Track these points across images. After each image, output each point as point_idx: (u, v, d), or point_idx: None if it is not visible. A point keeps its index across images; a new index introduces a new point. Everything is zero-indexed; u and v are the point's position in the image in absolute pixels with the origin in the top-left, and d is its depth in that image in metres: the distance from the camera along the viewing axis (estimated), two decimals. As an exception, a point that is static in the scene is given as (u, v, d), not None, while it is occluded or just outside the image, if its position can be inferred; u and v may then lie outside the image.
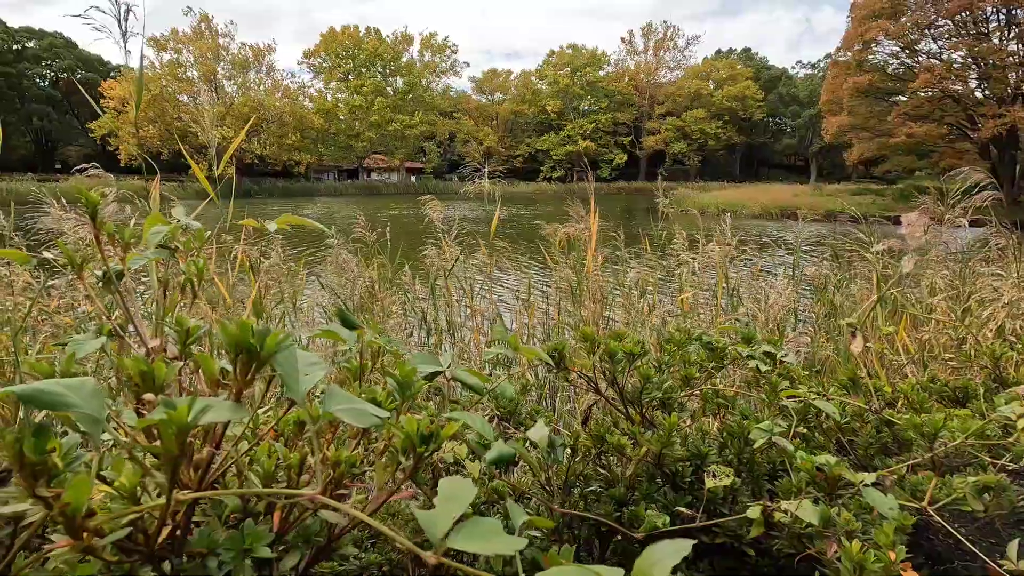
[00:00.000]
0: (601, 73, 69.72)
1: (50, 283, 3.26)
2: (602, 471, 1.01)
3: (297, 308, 4.11)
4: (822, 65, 73.81)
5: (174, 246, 0.68)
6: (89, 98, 2.55)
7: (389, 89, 63.68)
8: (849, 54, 37.17)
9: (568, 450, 0.98)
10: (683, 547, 0.35)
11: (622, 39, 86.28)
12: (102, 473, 0.43)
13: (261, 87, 57.87)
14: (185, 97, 53.90)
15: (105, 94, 50.77)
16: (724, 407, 1.21)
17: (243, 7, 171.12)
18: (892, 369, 2.85)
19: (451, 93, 71.56)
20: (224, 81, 56.74)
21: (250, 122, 3.00)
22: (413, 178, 67.68)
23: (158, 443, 0.37)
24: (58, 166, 56.19)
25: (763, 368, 1.05)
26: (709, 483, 0.86)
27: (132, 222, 3.65)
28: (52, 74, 61.18)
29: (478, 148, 69.58)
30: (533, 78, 72.25)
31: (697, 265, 5.09)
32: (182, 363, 0.60)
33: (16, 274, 2.89)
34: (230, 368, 0.46)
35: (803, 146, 73.18)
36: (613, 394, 0.98)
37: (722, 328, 1.43)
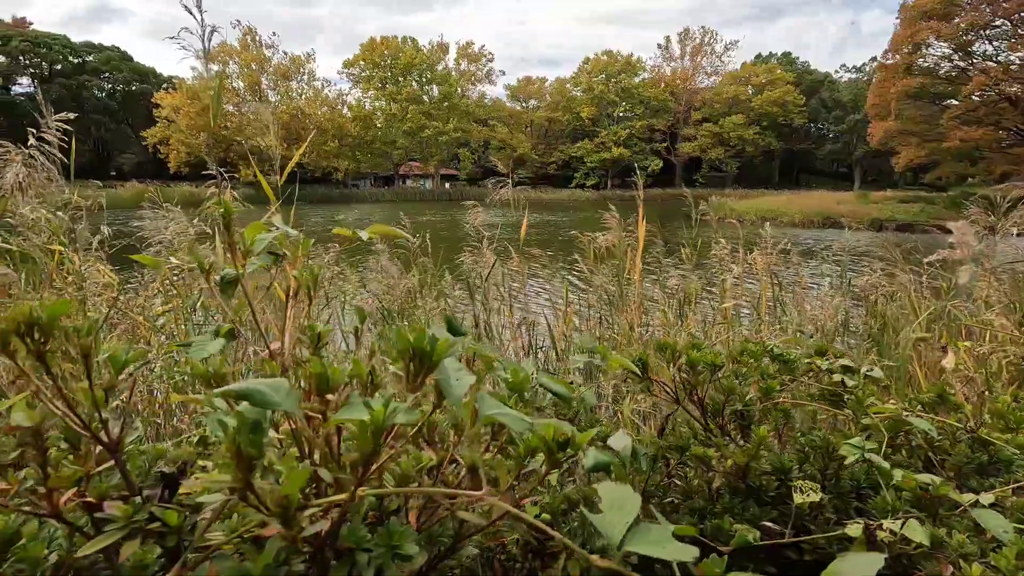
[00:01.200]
0: (636, 79, 69.22)
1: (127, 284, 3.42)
2: (678, 482, 1.00)
3: (344, 311, 4.21)
4: (868, 69, 71.54)
5: (282, 253, 0.71)
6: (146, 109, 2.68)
7: (425, 97, 64.71)
8: (898, 57, 35.89)
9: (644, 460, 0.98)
10: (875, 561, 0.35)
11: (658, 45, 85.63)
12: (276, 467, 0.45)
13: (302, 96, 59.65)
14: (231, 107, 55.99)
15: (160, 104, 53.19)
16: (785, 421, 1.18)
17: (286, 20, 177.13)
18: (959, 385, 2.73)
19: (486, 101, 72.18)
20: (268, 91, 58.74)
21: (311, 135, 3.09)
22: (447, 184, 68.48)
23: (319, 440, 0.40)
24: (113, 173, 59.10)
25: (850, 383, 1.02)
26: (798, 498, 0.85)
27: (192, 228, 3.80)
28: (109, 86, 64.46)
29: (511, 155, 69.93)
30: (568, 85, 72.27)
31: (736, 274, 4.99)
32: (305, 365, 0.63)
33: (102, 274, 3.05)
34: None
35: (846, 152, 70.90)
36: (691, 405, 0.97)
37: (787, 340, 1.40)
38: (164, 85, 62.19)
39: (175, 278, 3.60)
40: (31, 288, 3.03)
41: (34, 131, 3.06)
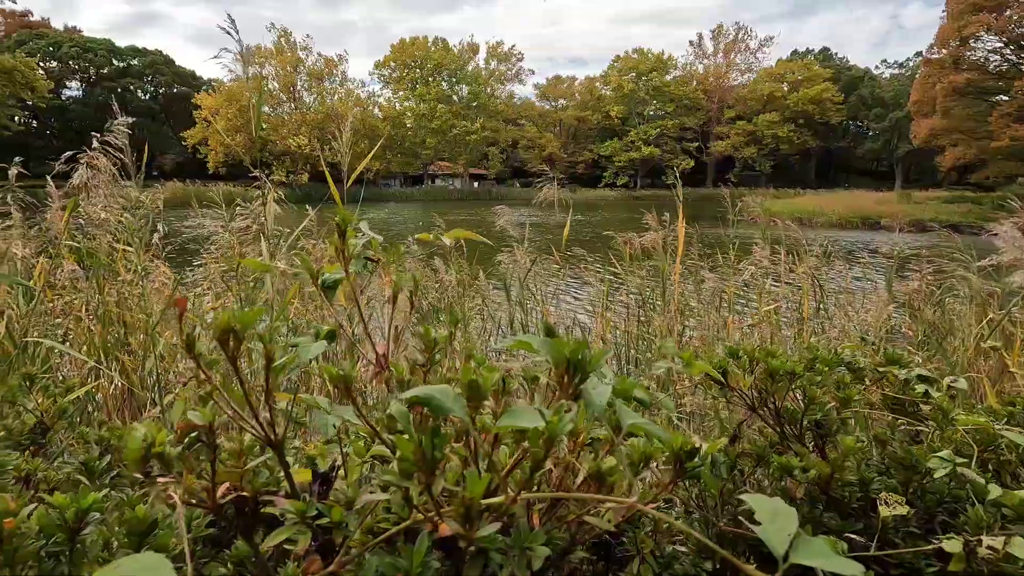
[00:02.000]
0: (668, 77, 68.27)
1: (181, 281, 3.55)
2: (751, 492, 0.99)
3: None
4: (911, 64, 69.05)
5: (376, 257, 0.74)
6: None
7: (454, 97, 65.13)
8: (944, 51, 34.52)
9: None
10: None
11: (690, 43, 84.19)
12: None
13: (335, 96, 60.72)
14: (267, 108, 57.36)
15: (200, 105, 54.90)
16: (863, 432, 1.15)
17: (318, 23, 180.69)
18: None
19: (515, 100, 72.28)
20: (303, 92, 60.03)
21: (380, 142, 3.17)
22: (475, 184, 68.81)
23: (485, 445, 0.41)
24: (155, 173, 61.23)
25: (935, 394, 1.00)
26: (884, 511, 0.83)
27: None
28: (152, 88, 66.81)
29: (540, 154, 69.85)
30: (598, 84, 71.79)
31: (776, 276, 4.88)
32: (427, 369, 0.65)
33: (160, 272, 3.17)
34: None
35: (887, 151, 68.52)
36: (766, 413, 0.96)
37: (850, 347, 1.37)
38: (204, 87, 64.14)
39: (226, 277, 3.72)
40: (96, 284, 3.17)
41: (97, 135, 3.21)
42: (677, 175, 4.70)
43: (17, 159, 4.10)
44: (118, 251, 3.58)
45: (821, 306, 4.73)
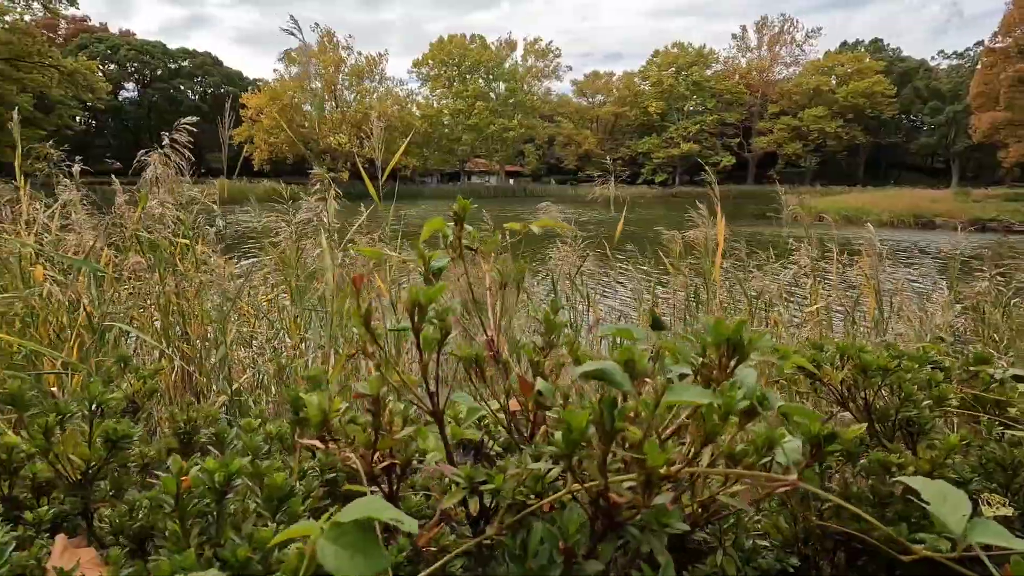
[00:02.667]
0: (709, 72, 66.68)
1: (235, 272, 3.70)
2: (834, 487, 0.98)
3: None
4: (972, 54, 65.47)
5: (476, 247, 0.76)
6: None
7: (491, 94, 65.32)
8: (1009, 40, 32.61)
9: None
10: None
11: (733, 36, 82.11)
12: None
13: (374, 95, 61.77)
14: (309, 106, 58.81)
15: (246, 105, 56.75)
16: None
17: (358, 22, 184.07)
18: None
19: (552, 97, 71.96)
20: (344, 91, 61.32)
21: (408, 137, 3.23)
22: (511, 181, 68.91)
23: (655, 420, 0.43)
24: (203, 170, 63.66)
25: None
26: (987, 512, 0.81)
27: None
28: (201, 89, 69.40)
29: (576, 151, 69.42)
30: (636, 79, 70.72)
31: (814, 277, 4.72)
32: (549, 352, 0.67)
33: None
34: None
35: (943, 146, 65.21)
36: (855, 408, 0.94)
37: (930, 347, 1.32)
38: (249, 87, 66.24)
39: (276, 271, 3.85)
40: (159, 275, 3.33)
41: (167, 132, 3.38)
42: (711, 173, 4.59)
43: (77, 158, 4.37)
44: (178, 245, 3.75)
45: (877, 308, 4.56)
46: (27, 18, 37.72)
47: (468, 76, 65.00)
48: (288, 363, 3.44)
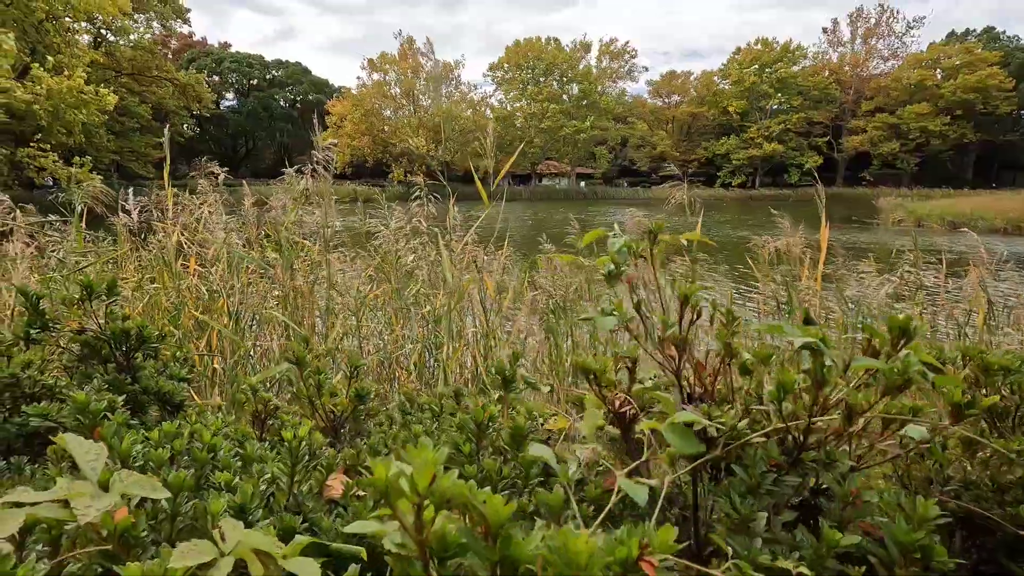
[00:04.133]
0: (795, 68, 63.15)
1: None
2: (952, 474, 1.05)
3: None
4: (1109, 41, 58.02)
5: (640, 254, 0.91)
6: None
7: (564, 96, 65.27)
8: None
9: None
10: None
11: (824, 29, 77.28)
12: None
13: (451, 99, 63.44)
14: (389, 111, 61.40)
15: (331, 111, 60.10)
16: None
17: (435, 26, 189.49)
18: None
19: (626, 98, 70.84)
20: (420, 96, 63.50)
21: (519, 147, 3.43)
22: (582, 183, 68.56)
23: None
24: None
25: None
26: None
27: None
28: (292, 96, 74.21)
29: (650, 153, 68.01)
30: (716, 78, 68.24)
31: (931, 284, 4.46)
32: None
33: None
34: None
35: (1071, 144, 58.11)
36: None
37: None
38: (335, 94, 70.06)
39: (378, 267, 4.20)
40: (287, 271, 3.73)
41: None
42: (815, 175, 4.46)
43: (203, 158, 4.91)
44: (300, 244, 4.17)
45: (988, 320, 4.27)
46: (147, 36, 41.98)
47: (542, 79, 65.32)
48: (390, 355, 3.75)
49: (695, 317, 0.75)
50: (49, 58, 23.84)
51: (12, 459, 0.99)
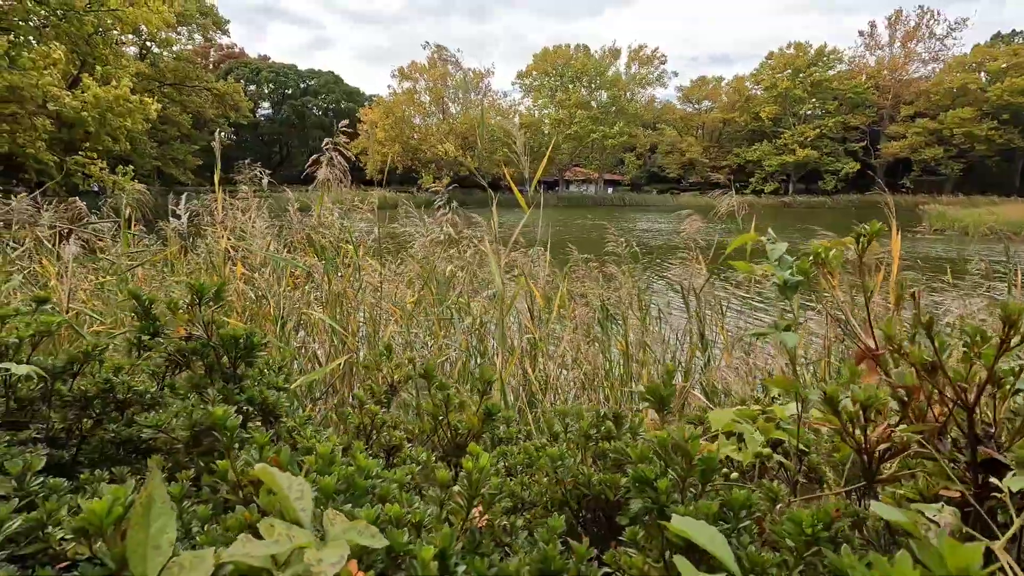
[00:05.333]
0: (831, 72, 61.63)
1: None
2: None
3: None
4: None
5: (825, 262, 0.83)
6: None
7: (592, 102, 65.05)
8: None
9: None
10: None
11: (860, 32, 75.39)
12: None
13: (479, 107, 63.90)
14: (419, 119, 62.17)
15: (362, 119, 61.17)
16: None
17: (464, 35, 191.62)
18: None
19: (655, 104, 70.23)
20: (448, 103, 64.15)
21: (547, 153, 3.35)
22: (610, 190, 68.12)
23: None
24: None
25: None
26: None
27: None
28: (324, 105, 75.83)
29: (679, 159, 67.21)
30: (747, 83, 67.11)
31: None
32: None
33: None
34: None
35: None
36: None
37: None
38: (366, 102, 71.32)
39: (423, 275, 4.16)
40: (328, 275, 3.72)
41: (332, 141, 3.83)
42: (879, 182, 4.26)
43: (247, 159, 4.94)
44: (341, 250, 4.16)
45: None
46: (188, 47, 43.47)
47: (571, 86, 65.27)
48: (431, 362, 3.68)
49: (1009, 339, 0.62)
50: (98, 68, 24.84)
51: (114, 469, 0.95)
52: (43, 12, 22.47)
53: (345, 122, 4.65)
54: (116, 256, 4.45)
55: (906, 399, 0.63)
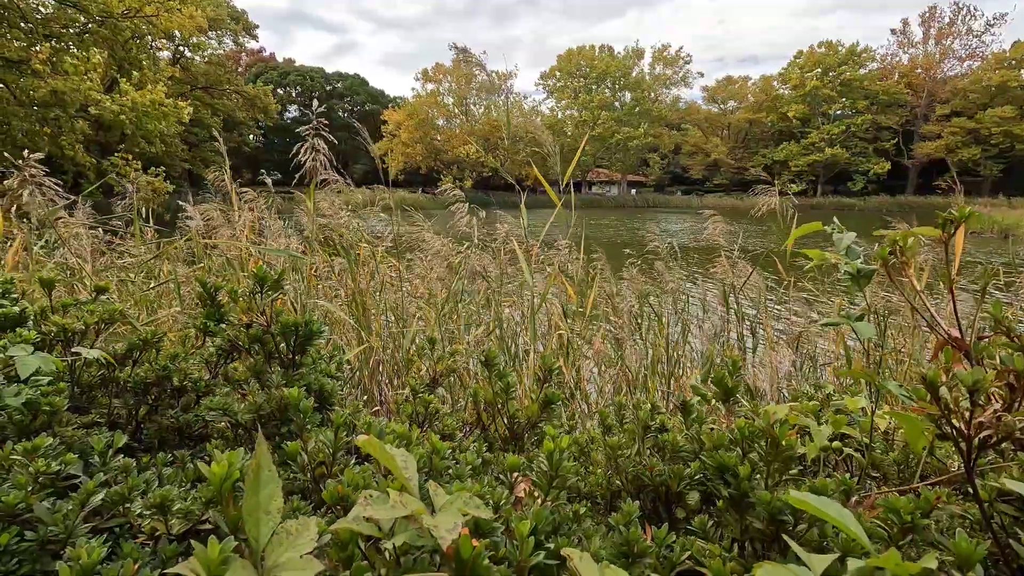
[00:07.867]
0: (862, 71, 60.11)
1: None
2: None
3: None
4: None
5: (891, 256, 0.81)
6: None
7: (616, 104, 64.63)
8: None
9: None
10: None
11: (892, 31, 73.43)
12: None
13: (503, 109, 64.05)
14: (442, 120, 62.61)
15: (387, 120, 61.88)
16: None
17: (488, 39, 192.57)
18: None
19: (680, 104, 69.42)
20: (470, 105, 64.42)
21: (580, 149, 3.34)
22: (633, 191, 67.56)
23: None
24: (347, 181, 70.35)
25: None
26: None
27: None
28: (350, 107, 76.87)
29: (704, 160, 66.34)
30: (775, 83, 65.86)
31: None
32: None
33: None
34: None
35: None
36: None
37: None
38: (390, 104, 72.09)
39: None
40: (350, 273, 3.77)
41: (313, 125, 3.90)
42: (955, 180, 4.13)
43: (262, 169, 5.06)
44: (360, 249, 4.22)
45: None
46: (219, 52, 44.52)
47: (594, 87, 64.95)
48: (492, 351, 3.70)
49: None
50: (134, 73, 25.61)
51: (177, 453, 0.97)
52: (82, 19, 23.27)
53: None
54: (139, 252, 4.57)
55: (1015, 383, 0.60)
